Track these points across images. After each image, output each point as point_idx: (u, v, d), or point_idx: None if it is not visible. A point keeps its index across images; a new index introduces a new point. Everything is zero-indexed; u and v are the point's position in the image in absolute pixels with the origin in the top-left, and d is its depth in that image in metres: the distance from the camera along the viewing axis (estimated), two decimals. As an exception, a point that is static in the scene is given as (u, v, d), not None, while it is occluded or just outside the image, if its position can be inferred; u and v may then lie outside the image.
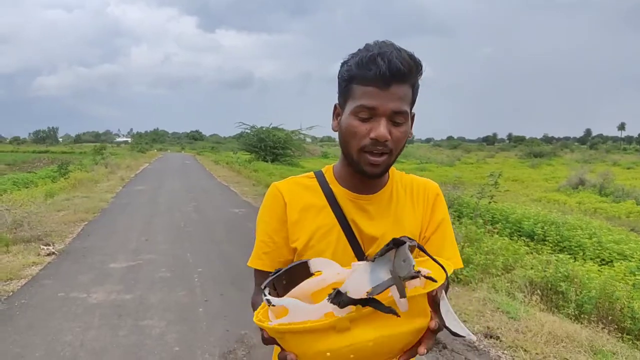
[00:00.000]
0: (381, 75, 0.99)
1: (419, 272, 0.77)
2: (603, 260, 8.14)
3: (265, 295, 0.85)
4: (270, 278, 0.93)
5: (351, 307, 0.77)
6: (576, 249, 8.59)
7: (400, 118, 1.04)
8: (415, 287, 0.80)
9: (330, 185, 1.18)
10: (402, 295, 0.76)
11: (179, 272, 6.13)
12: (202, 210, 11.36)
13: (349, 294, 0.76)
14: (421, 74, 1.05)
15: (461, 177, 23.66)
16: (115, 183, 17.96)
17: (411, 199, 1.21)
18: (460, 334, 0.81)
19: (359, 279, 0.79)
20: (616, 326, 5.00)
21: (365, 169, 1.08)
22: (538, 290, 5.61)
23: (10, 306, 4.87)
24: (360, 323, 0.77)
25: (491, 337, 4.25)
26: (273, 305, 0.84)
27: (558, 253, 7.78)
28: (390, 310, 0.75)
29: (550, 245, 8.82)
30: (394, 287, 0.76)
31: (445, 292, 0.83)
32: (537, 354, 3.94)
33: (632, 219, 14.47)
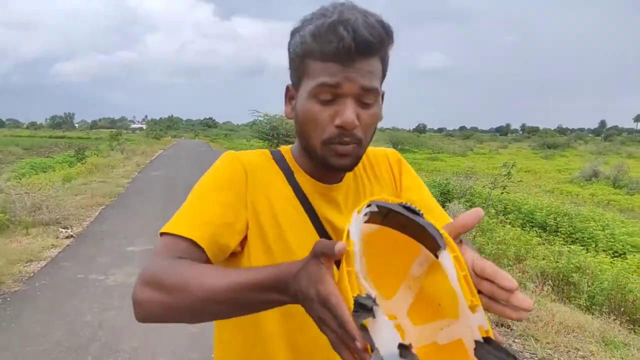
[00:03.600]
0: (345, 49, 0.78)
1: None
2: (616, 252, 8.14)
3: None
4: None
5: None
6: (589, 240, 8.59)
7: (370, 97, 0.83)
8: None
9: (295, 174, 0.95)
10: None
11: (194, 257, 6.23)
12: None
13: None
14: (392, 42, 0.84)
15: (474, 168, 23.60)
16: (131, 168, 18.14)
17: (374, 175, 1.03)
18: None
19: None
20: (628, 318, 5.02)
21: (332, 162, 0.87)
22: (550, 281, 5.65)
23: (31, 287, 5.01)
24: None
25: (502, 325, 4.30)
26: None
27: (570, 244, 7.78)
28: None
29: (563, 236, 8.82)
30: None
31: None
32: (547, 343, 3.99)
33: (647, 211, 14.38)
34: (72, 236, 7.18)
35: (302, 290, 0.62)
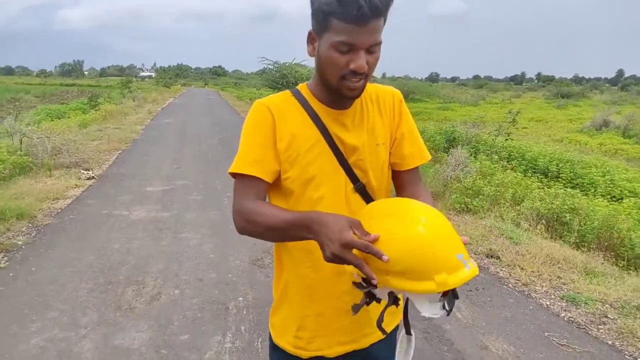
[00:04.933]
0: (362, 15, 1.07)
1: None
2: (614, 197, 8.38)
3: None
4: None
5: None
6: (588, 185, 8.81)
7: (375, 48, 1.15)
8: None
9: (310, 103, 1.28)
10: None
11: (209, 196, 6.66)
12: (227, 143, 11.81)
13: None
14: (392, 1, 1.13)
15: (484, 117, 23.57)
16: (144, 116, 18.48)
17: (378, 108, 1.35)
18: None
19: None
20: (613, 253, 5.36)
21: (345, 93, 1.19)
22: (543, 221, 5.95)
23: (61, 220, 5.46)
24: None
25: (492, 256, 4.68)
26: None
27: (570, 189, 8.03)
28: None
29: (563, 182, 9.05)
30: None
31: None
32: (532, 271, 4.36)
33: (654, 160, 14.48)
34: (93, 177, 7.60)
35: (322, 232, 1.02)
